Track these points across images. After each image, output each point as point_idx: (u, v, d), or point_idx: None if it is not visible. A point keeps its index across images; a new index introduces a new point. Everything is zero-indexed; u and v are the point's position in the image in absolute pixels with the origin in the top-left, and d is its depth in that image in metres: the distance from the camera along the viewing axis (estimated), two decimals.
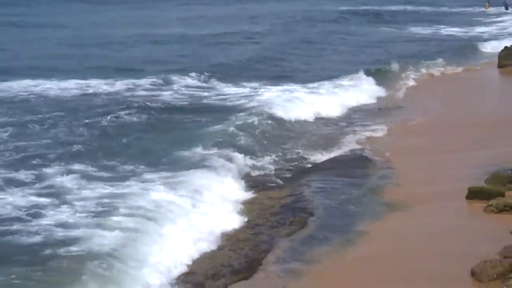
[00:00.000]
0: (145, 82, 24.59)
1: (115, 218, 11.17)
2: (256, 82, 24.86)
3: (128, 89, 23.51)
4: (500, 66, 28.60)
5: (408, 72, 26.69)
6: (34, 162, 14.69)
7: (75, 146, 16.07)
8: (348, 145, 16.86)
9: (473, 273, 9.21)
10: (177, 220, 11.31)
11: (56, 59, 30.47)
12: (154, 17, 53.73)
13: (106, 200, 12.15)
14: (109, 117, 19.03)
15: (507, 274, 9.08)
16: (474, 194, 12.15)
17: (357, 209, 12.26)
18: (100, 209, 11.75)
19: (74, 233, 10.69)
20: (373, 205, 12.45)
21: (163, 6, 65.52)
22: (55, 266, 9.61)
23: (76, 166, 14.35)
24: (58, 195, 12.51)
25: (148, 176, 13.68)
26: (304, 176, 14.43)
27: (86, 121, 18.64)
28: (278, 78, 25.87)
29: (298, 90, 23.03)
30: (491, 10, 62.23)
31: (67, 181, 13.36)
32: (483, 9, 63.07)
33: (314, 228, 11.36)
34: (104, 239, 10.37)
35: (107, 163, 14.71)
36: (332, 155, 16.01)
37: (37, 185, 13.14)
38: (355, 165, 15.03)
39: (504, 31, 43.89)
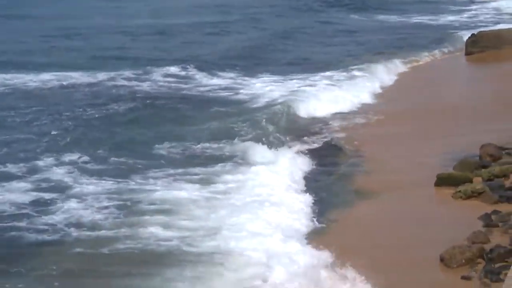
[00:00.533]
0: (126, 73, 24.19)
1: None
2: (235, 73, 24.66)
3: (110, 80, 23.21)
4: (467, 53, 28.80)
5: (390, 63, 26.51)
6: (23, 155, 14.61)
7: (64, 138, 15.95)
8: (324, 135, 16.81)
9: (442, 259, 9.28)
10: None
11: (30, 51, 29.76)
12: (123, 8, 53.22)
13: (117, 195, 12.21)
14: (96, 109, 18.94)
15: (475, 259, 9.18)
16: (442, 181, 12.21)
17: (327, 197, 12.28)
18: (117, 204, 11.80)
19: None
20: (343, 193, 12.48)
21: None
22: None
23: (68, 158, 14.29)
24: (62, 190, 12.54)
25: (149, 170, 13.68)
26: None
27: (69, 113, 18.45)
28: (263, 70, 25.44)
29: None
30: None
31: (65, 175, 13.33)
32: None
33: None
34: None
35: (100, 155, 14.63)
36: (305, 145, 15.93)
37: (33, 179, 13.10)
38: (326, 154, 15.08)
39: (475, 19, 44.05)
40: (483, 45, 29.00)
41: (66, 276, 9.56)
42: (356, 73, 23.54)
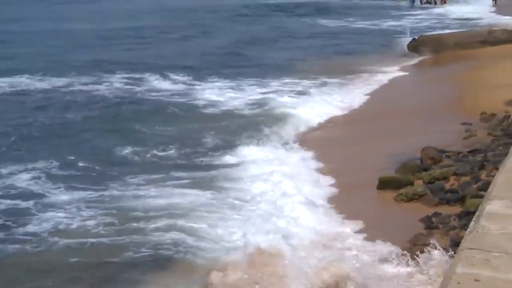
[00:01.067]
0: (79, 79, 24.34)
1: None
2: (189, 78, 24.99)
3: (65, 86, 23.23)
4: (408, 55, 29.78)
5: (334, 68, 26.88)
6: None
7: (23, 145, 15.83)
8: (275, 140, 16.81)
9: None
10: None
11: None
12: (61, 12, 52.50)
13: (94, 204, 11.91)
14: (53, 115, 18.87)
15: None
16: (384, 184, 12.32)
17: None
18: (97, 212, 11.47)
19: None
20: None
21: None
22: None
23: (31, 166, 14.02)
24: (34, 198, 12.21)
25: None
26: None
27: (24, 120, 18.33)
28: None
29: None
30: (403, 3, 63.58)
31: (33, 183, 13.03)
32: (396, 2, 64.32)
33: None
34: None
35: (66, 162, 14.39)
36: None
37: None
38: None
39: (419, 24, 44.83)
40: (423, 49, 29.68)
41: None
42: (305, 81, 23.79)
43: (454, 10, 54.22)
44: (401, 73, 25.39)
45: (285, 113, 18.87)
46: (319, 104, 20.23)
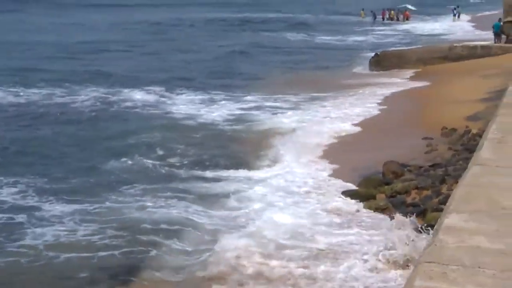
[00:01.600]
0: (56, 92, 24.28)
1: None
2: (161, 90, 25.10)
3: (36, 99, 23.21)
4: (371, 69, 30.37)
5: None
6: None
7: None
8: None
9: None
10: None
11: None
12: (27, 23, 52.02)
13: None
14: (28, 129, 18.82)
15: None
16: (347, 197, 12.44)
17: None
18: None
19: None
20: None
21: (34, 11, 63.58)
22: None
23: (13, 180, 13.83)
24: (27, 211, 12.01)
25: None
26: None
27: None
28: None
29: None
30: (367, 19, 64.31)
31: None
32: (360, 18, 65.01)
33: None
34: None
35: (51, 175, 14.23)
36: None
37: None
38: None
39: (384, 40, 45.31)
40: (385, 65, 30.06)
41: None
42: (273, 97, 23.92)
43: (421, 27, 55.06)
44: (365, 89, 25.54)
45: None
46: (290, 119, 20.33)
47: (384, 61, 30.49)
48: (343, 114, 20.77)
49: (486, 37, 35.59)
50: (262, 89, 25.50)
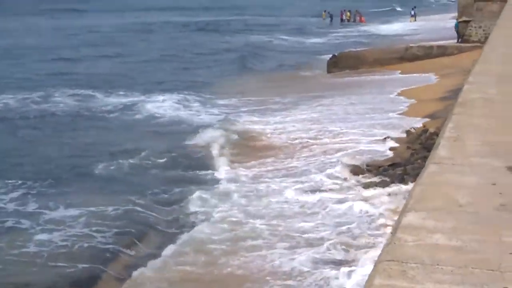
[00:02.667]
0: (31, 96, 24.13)
1: None
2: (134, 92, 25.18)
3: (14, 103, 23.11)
4: (329, 71, 30.45)
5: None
6: None
7: None
8: None
9: None
10: None
11: None
12: None
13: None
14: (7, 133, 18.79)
15: None
16: None
17: None
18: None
19: None
20: None
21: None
22: None
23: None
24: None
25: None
26: None
27: None
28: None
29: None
30: (327, 21, 64.41)
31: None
32: (321, 19, 65.07)
33: None
34: None
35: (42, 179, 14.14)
36: None
37: None
38: None
39: (342, 41, 45.51)
40: (343, 66, 30.30)
41: None
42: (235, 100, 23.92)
43: (381, 28, 55.52)
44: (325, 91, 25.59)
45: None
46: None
47: (342, 62, 30.73)
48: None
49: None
50: (227, 93, 25.38)
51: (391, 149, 15.20)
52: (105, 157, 15.93)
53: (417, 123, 17.25)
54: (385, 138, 16.14)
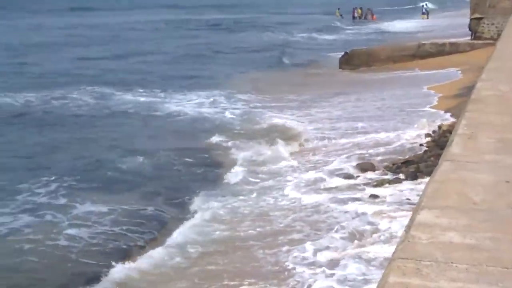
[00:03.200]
0: (53, 94, 24.25)
1: None
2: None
3: (32, 102, 23.23)
4: (341, 68, 30.48)
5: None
6: None
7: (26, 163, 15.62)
8: None
9: None
10: None
11: None
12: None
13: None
14: (38, 132, 18.88)
15: None
16: None
17: None
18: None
19: None
20: None
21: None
22: None
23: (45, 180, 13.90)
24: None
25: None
26: None
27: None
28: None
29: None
30: (342, 18, 64.16)
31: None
32: (335, 16, 64.87)
33: None
34: None
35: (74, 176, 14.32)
36: None
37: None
38: None
39: (355, 38, 45.40)
40: (355, 63, 30.26)
41: None
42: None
43: (393, 25, 55.32)
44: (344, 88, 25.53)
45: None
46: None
47: (354, 60, 30.69)
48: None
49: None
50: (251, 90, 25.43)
51: (420, 145, 15.11)
52: (128, 154, 16.13)
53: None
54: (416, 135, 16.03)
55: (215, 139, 17.46)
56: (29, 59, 34.75)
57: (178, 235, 11.14)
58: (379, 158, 14.51)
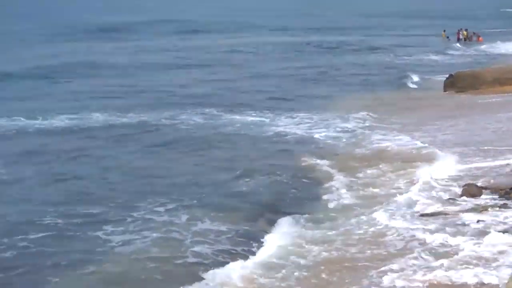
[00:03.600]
0: (163, 115, 25.35)
1: None
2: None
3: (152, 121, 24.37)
4: (445, 90, 30.43)
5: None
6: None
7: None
8: None
9: None
10: None
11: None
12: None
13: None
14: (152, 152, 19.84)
15: None
16: None
17: None
18: None
19: None
20: None
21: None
22: None
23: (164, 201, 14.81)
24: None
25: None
26: None
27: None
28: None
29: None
30: (448, 40, 63.09)
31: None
32: (441, 38, 63.83)
33: None
34: None
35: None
36: None
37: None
38: None
39: (458, 61, 44.74)
40: (460, 86, 29.96)
41: None
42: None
43: (498, 47, 54.07)
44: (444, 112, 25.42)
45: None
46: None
47: (459, 82, 30.36)
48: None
49: None
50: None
51: None
52: (239, 174, 17.00)
53: None
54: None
55: (322, 162, 18.04)
56: (138, 80, 35.95)
57: (280, 253, 11.75)
58: (491, 181, 14.54)
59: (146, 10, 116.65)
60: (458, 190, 14.13)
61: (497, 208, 12.67)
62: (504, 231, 11.38)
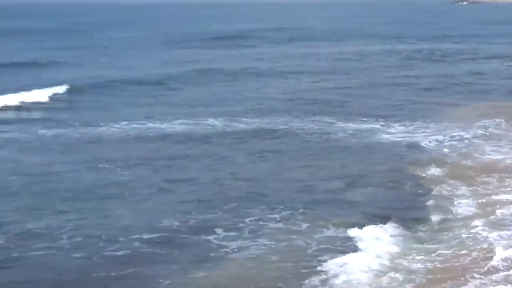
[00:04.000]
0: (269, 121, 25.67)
1: None
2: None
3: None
4: None
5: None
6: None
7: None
8: None
9: None
10: None
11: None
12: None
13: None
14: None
15: None
16: None
17: None
18: None
19: None
20: None
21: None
22: None
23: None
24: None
25: None
26: None
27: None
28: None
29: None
30: None
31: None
32: None
33: None
34: None
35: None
36: None
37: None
38: None
39: None
40: None
41: None
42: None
43: None
44: None
45: None
46: None
47: None
48: None
49: None
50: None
51: None
52: (353, 181, 17.21)
53: None
54: None
55: (434, 170, 17.84)
56: (249, 86, 36.44)
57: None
58: None
59: (260, 19, 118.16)
60: None
61: None
62: None
